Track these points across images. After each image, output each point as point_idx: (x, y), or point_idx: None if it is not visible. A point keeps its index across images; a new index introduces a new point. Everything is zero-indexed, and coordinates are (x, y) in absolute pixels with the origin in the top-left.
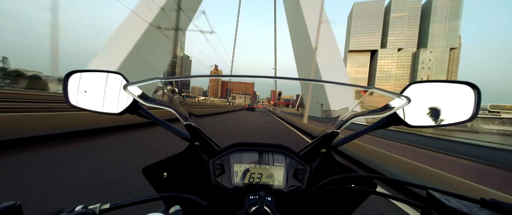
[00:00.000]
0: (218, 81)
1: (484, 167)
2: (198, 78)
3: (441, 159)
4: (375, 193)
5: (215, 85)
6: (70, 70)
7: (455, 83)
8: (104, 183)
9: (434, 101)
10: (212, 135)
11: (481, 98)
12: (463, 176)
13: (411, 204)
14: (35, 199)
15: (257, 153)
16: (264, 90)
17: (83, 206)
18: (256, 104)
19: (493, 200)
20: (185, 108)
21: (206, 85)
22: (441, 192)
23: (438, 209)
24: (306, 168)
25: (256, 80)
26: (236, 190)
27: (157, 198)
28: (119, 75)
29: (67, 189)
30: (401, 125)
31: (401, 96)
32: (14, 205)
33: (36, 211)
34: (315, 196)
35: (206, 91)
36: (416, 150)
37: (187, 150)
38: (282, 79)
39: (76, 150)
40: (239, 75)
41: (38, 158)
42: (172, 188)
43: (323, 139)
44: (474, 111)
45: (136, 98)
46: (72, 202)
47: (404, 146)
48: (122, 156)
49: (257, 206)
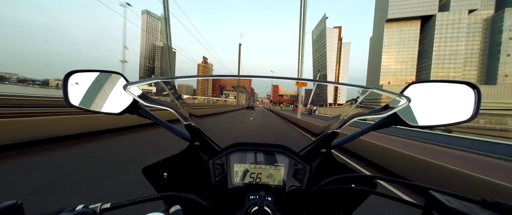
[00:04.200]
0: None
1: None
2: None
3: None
4: (375, 193)
5: (205, 81)
6: (70, 71)
7: (455, 83)
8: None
9: (434, 101)
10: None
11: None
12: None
13: (411, 204)
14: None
15: (257, 153)
16: (262, 88)
17: (84, 205)
18: (254, 103)
19: (494, 200)
20: (185, 108)
21: (195, 82)
22: (442, 193)
23: (439, 209)
24: (306, 168)
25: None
26: (236, 190)
27: (157, 198)
28: (119, 75)
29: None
30: (401, 125)
31: (401, 96)
32: (15, 205)
33: (37, 210)
34: (315, 196)
35: (196, 90)
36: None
37: (187, 150)
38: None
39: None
40: (240, 75)
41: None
42: (172, 188)
43: (323, 139)
44: (474, 110)
45: (136, 98)
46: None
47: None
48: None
49: (258, 206)
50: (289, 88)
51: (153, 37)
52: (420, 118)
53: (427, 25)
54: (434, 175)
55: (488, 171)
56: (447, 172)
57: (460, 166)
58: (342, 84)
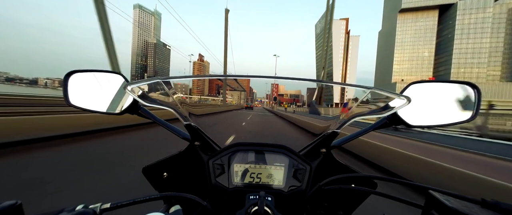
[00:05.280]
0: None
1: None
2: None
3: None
4: (375, 193)
5: (201, 80)
6: (70, 71)
7: (455, 83)
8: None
9: (434, 101)
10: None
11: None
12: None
13: (411, 204)
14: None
15: (257, 153)
16: (262, 87)
17: (84, 205)
18: (253, 103)
19: (494, 200)
20: (185, 107)
21: (190, 81)
22: (441, 193)
23: (438, 209)
24: (306, 168)
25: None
26: (236, 190)
27: (157, 198)
28: (119, 75)
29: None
30: (401, 125)
31: (401, 96)
32: (15, 205)
33: (37, 210)
34: (315, 196)
35: (192, 89)
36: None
37: (187, 150)
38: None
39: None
40: (240, 75)
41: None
42: (172, 188)
43: (323, 139)
44: (475, 110)
45: (136, 98)
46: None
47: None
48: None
49: (257, 206)
50: (289, 87)
51: (146, 33)
52: (420, 118)
53: (447, 15)
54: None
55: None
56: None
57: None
58: (343, 84)
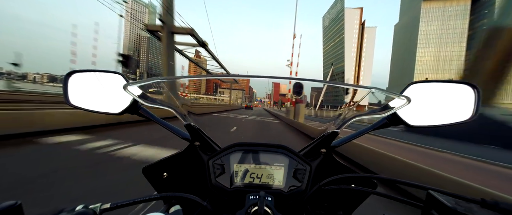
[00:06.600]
0: (201, 72)
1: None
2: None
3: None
4: (375, 193)
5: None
6: (70, 70)
7: (455, 83)
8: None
9: (434, 101)
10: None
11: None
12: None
13: (411, 204)
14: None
15: (257, 153)
16: (262, 87)
17: (83, 205)
18: (253, 102)
19: (493, 200)
20: (185, 107)
21: (186, 79)
22: (441, 193)
23: (438, 209)
24: (306, 168)
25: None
26: (236, 190)
27: (157, 198)
28: (119, 75)
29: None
30: (401, 125)
31: (401, 96)
32: (15, 205)
33: (36, 210)
34: (315, 196)
35: (188, 87)
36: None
37: (187, 150)
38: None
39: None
40: (240, 75)
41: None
42: (172, 188)
43: (323, 139)
44: (474, 110)
45: (136, 98)
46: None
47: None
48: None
49: (257, 206)
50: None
51: (139, 26)
52: (420, 118)
53: (481, 3)
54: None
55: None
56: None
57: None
58: (343, 84)
